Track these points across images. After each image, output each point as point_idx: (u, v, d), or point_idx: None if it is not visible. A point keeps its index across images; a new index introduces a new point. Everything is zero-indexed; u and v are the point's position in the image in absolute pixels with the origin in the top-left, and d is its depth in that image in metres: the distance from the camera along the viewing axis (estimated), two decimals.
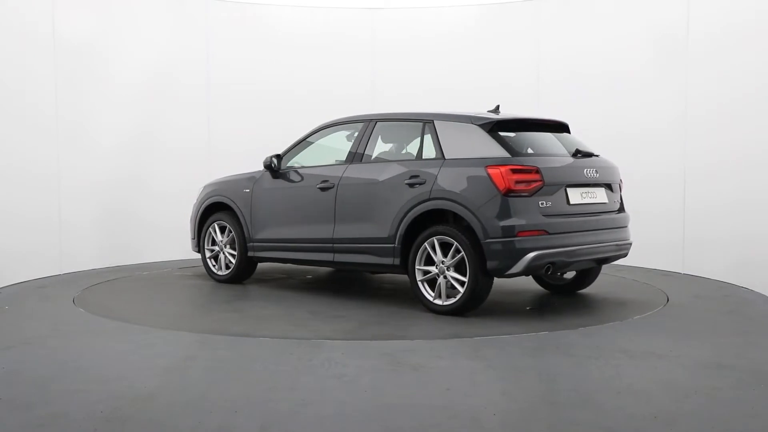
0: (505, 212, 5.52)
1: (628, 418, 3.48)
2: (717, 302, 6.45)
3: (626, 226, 6.39)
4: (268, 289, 7.23)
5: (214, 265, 7.65)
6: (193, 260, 9.07)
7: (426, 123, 6.20)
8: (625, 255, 6.43)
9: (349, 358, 4.49)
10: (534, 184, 5.62)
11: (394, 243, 6.07)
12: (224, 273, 7.51)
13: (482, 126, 5.89)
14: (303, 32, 9.75)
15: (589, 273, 6.69)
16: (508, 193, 5.54)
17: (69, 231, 8.09)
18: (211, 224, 7.65)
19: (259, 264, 7.66)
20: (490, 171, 5.60)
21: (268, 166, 7.10)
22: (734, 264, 7.34)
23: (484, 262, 5.60)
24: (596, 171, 6.09)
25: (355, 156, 6.59)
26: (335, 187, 6.54)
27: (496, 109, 6.43)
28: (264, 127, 9.47)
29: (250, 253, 7.31)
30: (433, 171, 5.91)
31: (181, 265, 8.68)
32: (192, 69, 9.30)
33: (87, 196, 8.32)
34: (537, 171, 5.64)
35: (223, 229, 7.55)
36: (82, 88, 8.23)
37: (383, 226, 6.14)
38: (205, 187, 7.96)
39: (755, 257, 7.11)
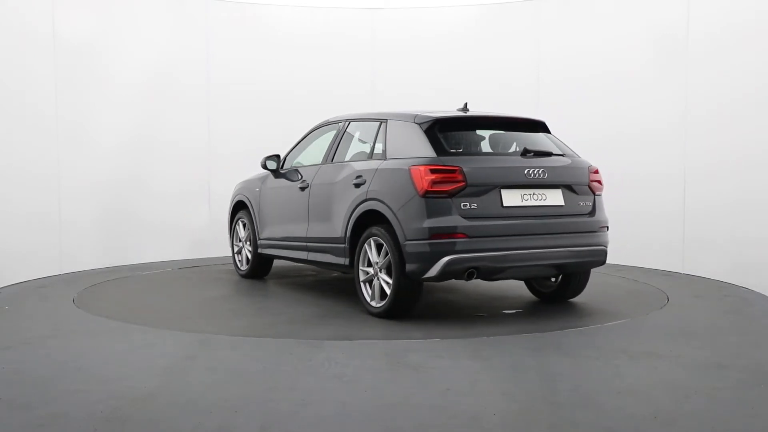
0: (421, 214, 5.33)
1: (628, 418, 3.48)
2: (717, 302, 6.45)
3: (596, 231, 5.87)
4: (272, 287, 7.23)
5: (239, 261, 7.96)
6: (194, 260, 9.07)
7: (381, 123, 6.14)
8: (598, 262, 5.94)
9: (349, 358, 4.49)
10: (454, 185, 5.34)
11: (345, 243, 6.06)
12: (244, 268, 7.84)
13: (421, 125, 5.73)
14: (303, 32, 9.75)
15: (572, 280, 6.23)
16: (426, 194, 5.33)
17: (69, 231, 8.09)
18: (236, 221, 7.98)
19: (275, 261, 7.85)
20: (412, 171, 5.43)
21: (263, 166, 7.28)
22: (734, 264, 7.34)
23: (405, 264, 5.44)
24: (544, 171, 5.64)
25: (328, 157, 6.68)
26: (309, 187, 6.67)
27: (465, 107, 6.25)
28: (264, 127, 9.47)
29: (259, 250, 7.50)
30: (373, 171, 5.85)
31: (181, 265, 8.68)
32: (192, 69, 9.31)
33: (87, 196, 8.33)
34: (458, 171, 5.37)
35: (245, 226, 7.84)
36: (82, 88, 8.23)
37: (337, 226, 6.15)
38: (236, 185, 8.20)
39: (755, 258, 7.11)
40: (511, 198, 5.53)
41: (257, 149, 8.37)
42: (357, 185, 5.93)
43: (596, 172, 6.05)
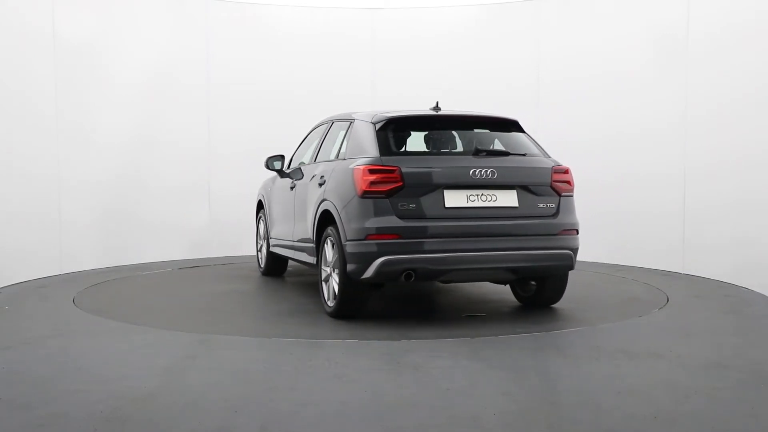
0: (359, 214, 5.30)
1: (628, 418, 3.48)
2: (717, 302, 6.45)
3: (557, 234, 5.57)
4: (275, 286, 7.23)
5: (260, 259, 8.19)
6: (194, 260, 9.07)
7: (350, 123, 6.14)
8: (562, 266, 5.66)
9: (349, 358, 4.49)
10: (392, 185, 5.26)
11: (313, 242, 6.10)
12: (262, 266, 8.06)
13: (375, 125, 5.70)
14: (303, 32, 9.75)
15: (546, 285, 5.98)
16: (364, 194, 5.29)
17: (69, 230, 8.09)
18: (258, 220, 8.19)
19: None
20: (354, 171, 5.42)
21: (266, 166, 7.31)
22: (734, 264, 7.33)
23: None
24: (493, 172, 5.42)
25: (312, 157, 6.73)
26: (295, 187, 6.74)
27: (436, 107, 6.14)
28: (264, 127, 9.48)
29: (270, 249, 7.67)
30: (330, 172, 5.87)
31: (181, 265, 8.68)
32: (192, 69, 9.31)
33: (87, 196, 8.33)
34: (397, 171, 5.28)
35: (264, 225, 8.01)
36: (82, 88, 8.23)
37: (308, 225, 6.20)
38: (261, 184, 8.32)
39: (755, 258, 7.10)
40: (454, 199, 5.37)
41: (257, 149, 8.38)
42: (320, 185, 5.98)
43: (566, 172, 5.77)
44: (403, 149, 5.77)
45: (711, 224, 7.66)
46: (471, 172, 5.39)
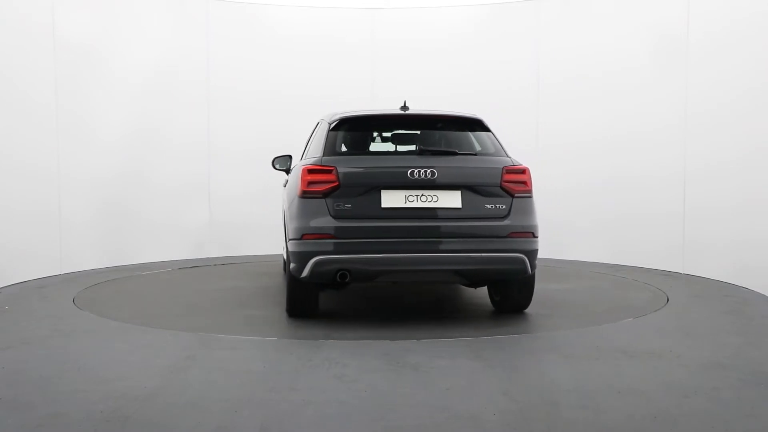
0: (298, 213, 5.35)
1: (628, 418, 3.48)
2: (717, 302, 6.45)
3: (505, 236, 5.35)
4: (275, 287, 7.23)
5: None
6: (194, 260, 9.08)
7: (319, 123, 6.17)
8: (512, 270, 5.43)
9: (349, 358, 4.49)
10: (328, 185, 5.27)
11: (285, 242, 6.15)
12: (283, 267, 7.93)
13: (330, 124, 5.74)
14: (303, 32, 9.75)
15: (508, 290, 5.81)
16: (303, 194, 5.33)
17: (69, 231, 8.09)
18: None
19: None
20: (299, 172, 5.50)
21: (272, 166, 7.27)
22: (734, 265, 7.32)
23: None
24: (433, 172, 5.30)
25: (301, 156, 6.76)
26: (286, 187, 6.76)
27: (404, 107, 6.09)
28: (264, 126, 9.48)
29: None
30: (292, 172, 5.95)
31: (181, 265, 8.68)
32: (192, 68, 9.31)
33: (87, 196, 8.32)
34: (333, 172, 5.29)
35: None
36: (82, 87, 8.22)
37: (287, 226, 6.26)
38: None
39: (755, 259, 7.09)
40: (391, 199, 5.30)
41: (257, 149, 8.38)
42: (284, 185, 6.06)
43: (523, 172, 5.54)
44: (350, 149, 5.77)
45: (711, 224, 7.66)
46: (409, 172, 5.31)
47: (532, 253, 5.44)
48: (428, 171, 5.31)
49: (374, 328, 5.40)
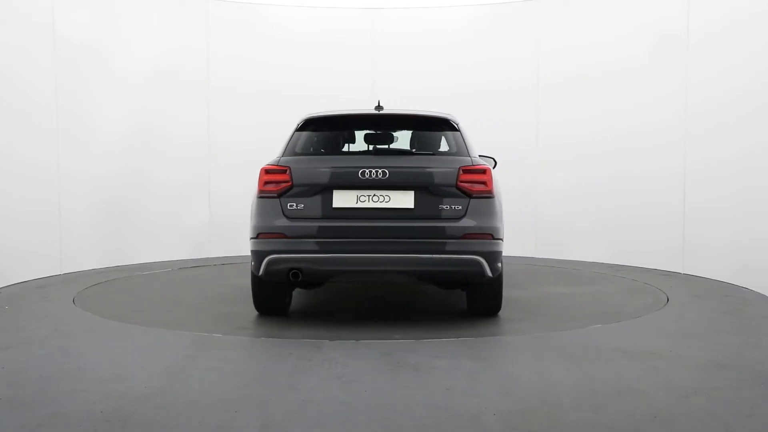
0: (255, 213, 5.45)
1: (628, 418, 3.48)
2: (717, 302, 6.45)
3: (460, 238, 5.23)
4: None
5: None
6: (194, 260, 9.07)
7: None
8: (468, 273, 5.31)
9: (349, 358, 4.49)
10: (281, 186, 5.35)
11: None
12: None
13: (298, 124, 5.82)
14: (303, 32, 9.75)
15: (471, 293, 5.71)
16: (260, 194, 5.43)
17: (69, 231, 8.08)
18: None
19: None
20: (259, 172, 5.54)
21: None
22: (734, 265, 7.32)
23: None
24: (384, 172, 5.27)
25: None
26: None
27: (378, 106, 6.08)
28: (264, 126, 9.47)
29: None
30: None
31: (181, 265, 8.68)
32: (192, 68, 9.31)
33: (87, 196, 8.32)
34: (287, 172, 5.37)
35: None
36: (82, 87, 8.22)
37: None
38: None
39: (755, 259, 7.09)
40: (343, 199, 5.32)
41: (257, 149, 8.35)
42: None
43: (483, 172, 5.39)
44: (314, 150, 5.81)
45: (711, 224, 7.66)
46: (360, 172, 5.30)
47: (491, 255, 5.29)
48: (380, 171, 5.29)
49: (374, 328, 5.40)
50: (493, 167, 7.08)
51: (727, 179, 7.45)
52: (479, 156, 7.05)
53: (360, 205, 5.30)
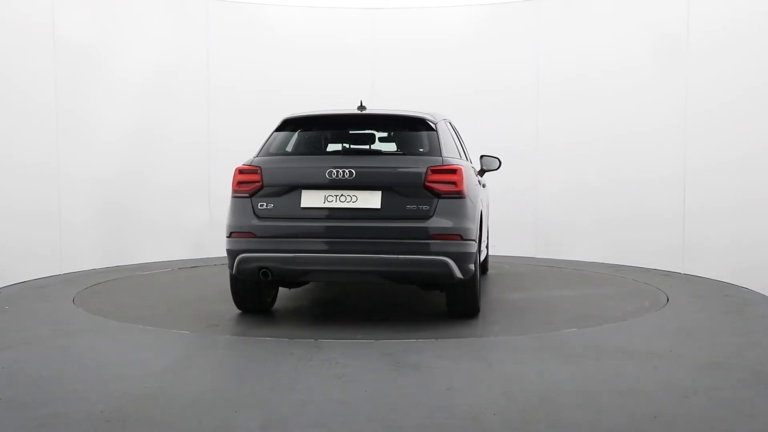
0: (229, 212, 5.52)
1: (628, 418, 3.48)
2: (717, 302, 6.45)
3: (426, 239, 5.15)
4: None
5: None
6: (194, 260, 9.07)
7: None
8: (438, 274, 5.20)
9: (349, 358, 4.49)
10: (253, 185, 5.42)
11: None
12: None
13: (277, 124, 5.88)
14: (303, 32, 9.75)
15: (448, 294, 5.58)
16: (234, 193, 5.50)
17: (69, 230, 8.08)
18: None
19: None
20: (234, 172, 5.60)
21: None
22: (734, 265, 7.32)
23: None
24: (351, 172, 5.25)
25: None
26: None
27: (360, 106, 6.07)
28: (264, 126, 9.39)
29: None
30: None
31: (182, 265, 8.68)
32: (192, 68, 9.30)
33: (87, 196, 8.32)
34: (258, 172, 5.44)
35: None
36: (82, 87, 8.22)
37: None
38: None
39: (755, 259, 7.09)
40: (311, 199, 5.32)
41: (257, 149, 8.33)
42: None
43: (453, 172, 5.29)
44: (291, 150, 5.83)
45: (711, 224, 7.66)
46: (327, 172, 5.30)
47: (460, 257, 5.20)
48: (347, 171, 5.28)
49: (374, 328, 5.40)
50: (497, 168, 7.10)
51: (727, 179, 7.45)
52: (485, 156, 7.07)
53: (327, 205, 5.30)
